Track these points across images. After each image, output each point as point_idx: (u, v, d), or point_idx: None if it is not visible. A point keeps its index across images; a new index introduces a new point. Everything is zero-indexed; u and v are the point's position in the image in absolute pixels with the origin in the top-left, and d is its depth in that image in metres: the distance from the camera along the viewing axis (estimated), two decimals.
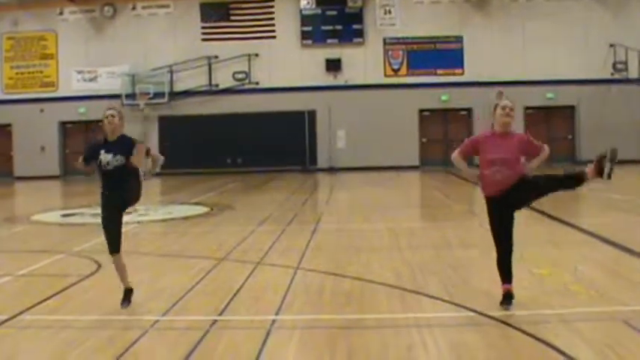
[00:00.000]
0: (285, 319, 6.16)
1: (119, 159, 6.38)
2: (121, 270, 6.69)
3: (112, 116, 6.47)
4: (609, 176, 5.94)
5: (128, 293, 6.68)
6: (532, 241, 9.42)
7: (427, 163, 28.88)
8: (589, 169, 6.03)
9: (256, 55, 29.25)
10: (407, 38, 29.07)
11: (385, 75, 29.24)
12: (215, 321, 6.12)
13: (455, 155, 6.46)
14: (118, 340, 5.60)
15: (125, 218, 6.79)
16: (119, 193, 6.45)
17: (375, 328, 5.85)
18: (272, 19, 29.37)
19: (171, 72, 29.19)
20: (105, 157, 6.40)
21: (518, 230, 6.38)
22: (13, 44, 30.10)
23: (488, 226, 6.36)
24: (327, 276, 7.92)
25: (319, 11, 29.32)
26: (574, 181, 6.17)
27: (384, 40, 29.18)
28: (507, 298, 6.21)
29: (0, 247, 11.03)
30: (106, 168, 6.41)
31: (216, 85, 29.34)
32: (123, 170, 6.40)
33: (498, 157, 6.04)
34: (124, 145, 6.42)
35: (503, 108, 6.14)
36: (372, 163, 28.14)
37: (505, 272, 6.26)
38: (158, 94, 28.94)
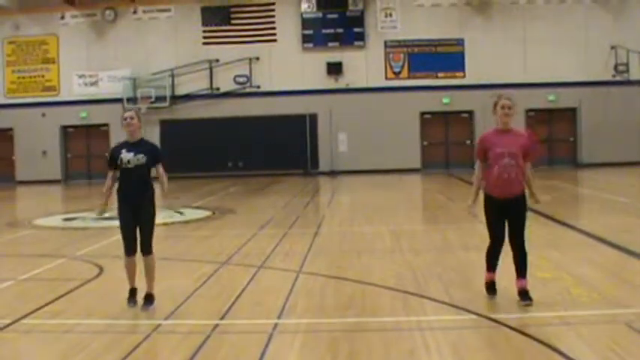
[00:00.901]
0: (287, 323, 6.16)
1: (140, 158, 6.62)
2: (130, 272, 6.76)
3: (132, 118, 6.73)
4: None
5: (133, 292, 6.76)
6: (533, 243, 9.36)
7: (429, 166, 28.84)
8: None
9: (257, 58, 29.24)
10: (408, 41, 29.02)
11: (386, 78, 29.19)
12: (217, 325, 6.12)
13: (476, 164, 6.68)
14: (120, 344, 5.60)
15: None
16: (135, 192, 6.63)
17: (377, 331, 5.85)
18: (273, 22, 29.35)
19: (173, 75, 29.17)
20: (126, 155, 6.63)
21: None
22: (15, 49, 30.10)
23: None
24: (329, 279, 7.92)
25: (320, 14, 29.29)
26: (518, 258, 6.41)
27: (385, 43, 29.15)
28: (491, 288, 6.61)
29: (2, 251, 11.03)
30: (127, 166, 6.61)
31: (218, 89, 29.32)
32: (142, 170, 6.64)
33: (507, 150, 6.35)
34: (146, 148, 6.72)
35: (502, 107, 6.45)
36: (374, 166, 28.08)
37: (492, 261, 6.59)
38: (159, 98, 28.88)
